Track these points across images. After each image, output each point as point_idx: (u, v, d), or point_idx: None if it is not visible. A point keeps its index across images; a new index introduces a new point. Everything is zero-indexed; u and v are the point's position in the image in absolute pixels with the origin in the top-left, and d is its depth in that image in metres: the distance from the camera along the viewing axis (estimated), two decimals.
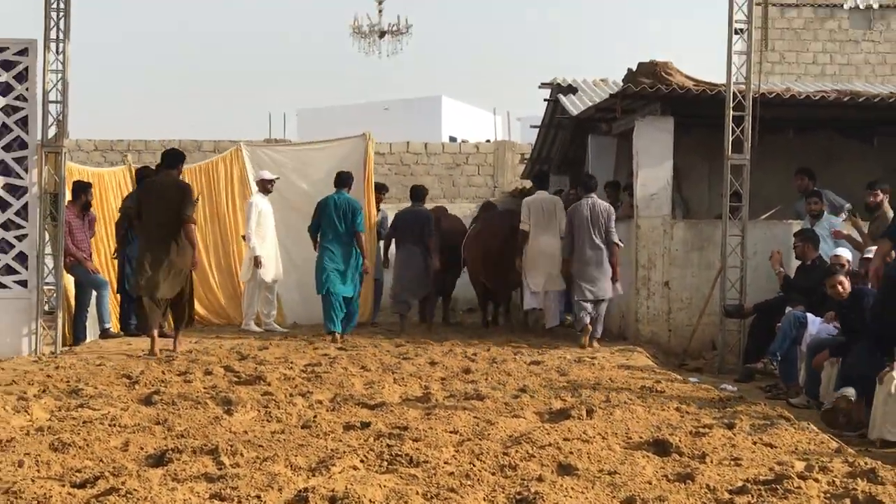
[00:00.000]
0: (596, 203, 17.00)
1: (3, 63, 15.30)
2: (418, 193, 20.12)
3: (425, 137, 35.03)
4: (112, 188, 19.45)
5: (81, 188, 16.93)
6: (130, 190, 18.66)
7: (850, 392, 10.16)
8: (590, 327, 16.63)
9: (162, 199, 15.25)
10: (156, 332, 15.11)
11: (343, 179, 18.51)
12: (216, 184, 20.39)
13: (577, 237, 16.95)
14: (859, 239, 14.83)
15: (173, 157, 15.93)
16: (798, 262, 14.73)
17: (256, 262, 18.56)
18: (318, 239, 18.05)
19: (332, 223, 18.08)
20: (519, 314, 20.50)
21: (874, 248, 12.21)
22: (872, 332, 10.58)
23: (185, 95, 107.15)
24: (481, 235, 19.53)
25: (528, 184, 26.31)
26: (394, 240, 19.93)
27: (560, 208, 18.42)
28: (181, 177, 16.62)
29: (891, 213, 14.94)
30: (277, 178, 19.09)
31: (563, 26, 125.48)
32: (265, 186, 18.84)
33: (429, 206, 20.70)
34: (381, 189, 21.18)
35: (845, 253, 13.68)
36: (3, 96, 15.29)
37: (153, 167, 18.74)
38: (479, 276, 19.92)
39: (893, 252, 11.26)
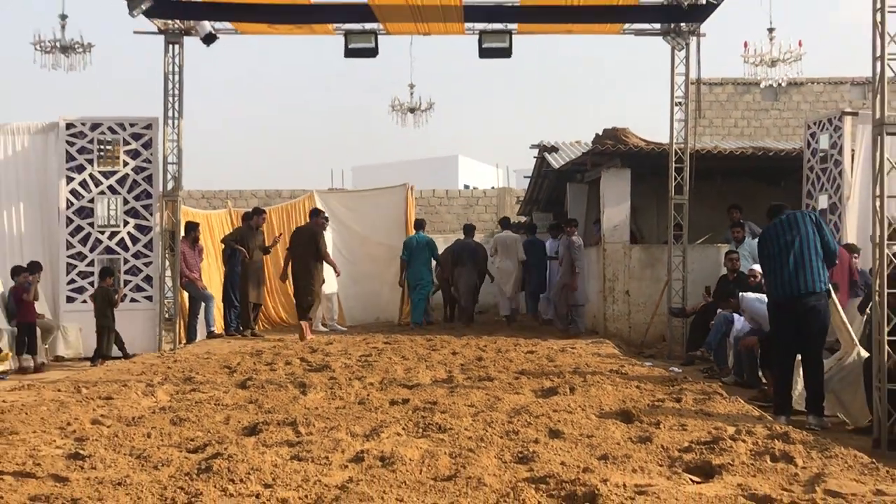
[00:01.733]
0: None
1: (134, 135, 15.57)
2: (468, 229, 20.52)
3: (446, 185, 35.07)
4: (216, 226, 19.45)
5: (191, 227, 16.86)
6: (231, 228, 18.93)
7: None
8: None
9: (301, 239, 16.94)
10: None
11: (419, 224, 19.81)
12: (296, 220, 20.39)
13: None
14: None
15: (315, 213, 17.74)
16: (723, 273, 14.82)
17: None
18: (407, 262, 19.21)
19: (414, 254, 19.20)
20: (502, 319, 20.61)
21: None
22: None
23: (267, 155, 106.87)
24: (449, 257, 19.96)
25: (523, 218, 26.31)
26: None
27: (518, 242, 19.83)
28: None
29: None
30: (327, 220, 19.10)
31: (547, 100, 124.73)
32: (319, 221, 18.97)
33: (450, 237, 20.89)
34: (421, 224, 21.15)
35: (757, 267, 13.81)
36: (134, 159, 15.56)
37: (248, 211, 18.97)
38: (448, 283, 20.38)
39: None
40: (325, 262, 17.44)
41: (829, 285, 9.45)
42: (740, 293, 12.36)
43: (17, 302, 13.77)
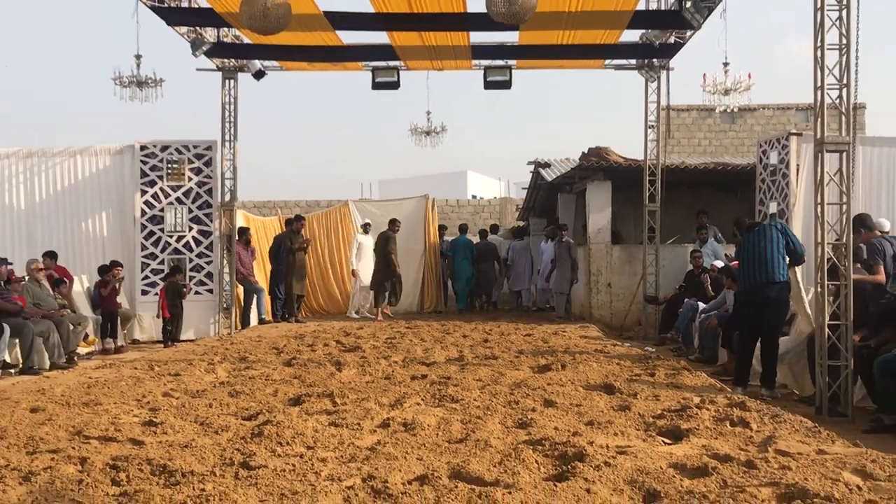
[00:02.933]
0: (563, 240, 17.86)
1: (196, 155, 15.63)
2: (483, 233, 21.43)
3: (457, 196, 35.02)
4: (266, 230, 19.52)
5: (243, 231, 17.00)
6: (278, 231, 18.97)
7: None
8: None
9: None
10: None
11: (462, 227, 20.83)
12: (334, 224, 20.55)
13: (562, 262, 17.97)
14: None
15: (393, 224, 18.59)
16: (689, 269, 14.85)
17: (353, 274, 18.93)
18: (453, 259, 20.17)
19: (461, 252, 19.94)
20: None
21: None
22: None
23: (308, 169, 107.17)
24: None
25: (521, 223, 26.36)
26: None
27: (500, 246, 20.77)
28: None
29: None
30: (369, 223, 19.34)
31: (541, 123, 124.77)
32: (365, 228, 19.13)
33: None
34: (443, 228, 21.39)
35: (718, 263, 13.81)
36: (196, 175, 15.61)
37: (291, 217, 19.13)
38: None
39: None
40: (370, 260, 18.38)
41: (789, 277, 9.45)
42: (685, 298, 12.56)
43: (100, 294, 13.87)
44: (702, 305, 12.71)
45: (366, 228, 19.22)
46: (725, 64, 16.98)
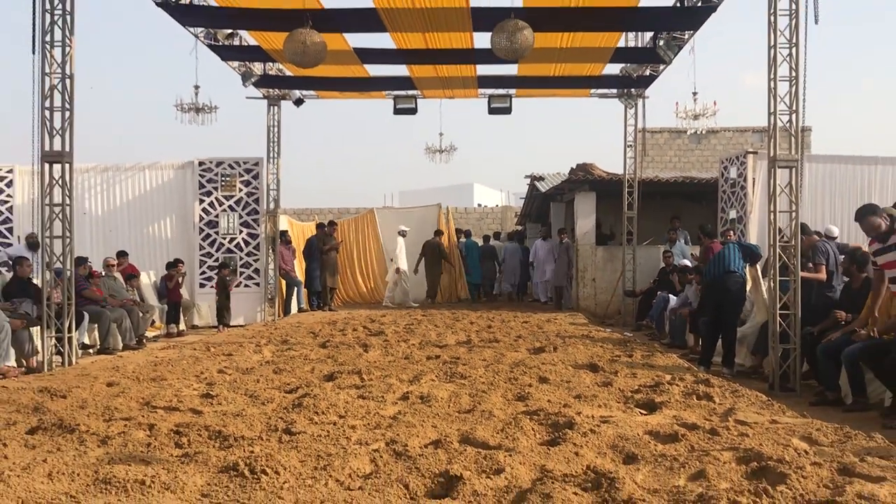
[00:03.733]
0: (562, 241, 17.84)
1: (246, 170, 15.63)
2: (487, 238, 21.63)
3: (465, 204, 35.06)
4: (304, 233, 19.41)
5: (283, 234, 16.97)
6: (312, 234, 18.86)
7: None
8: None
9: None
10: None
11: (467, 233, 21.04)
12: (362, 229, 20.51)
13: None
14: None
15: (437, 233, 19.40)
16: (661, 266, 14.82)
17: (397, 271, 18.97)
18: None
19: (471, 254, 20.04)
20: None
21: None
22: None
23: (339, 181, 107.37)
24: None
25: (519, 228, 26.38)
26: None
27: (498, 249, 20.76)
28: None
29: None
30: (408, 230, 19.40)
31: (537, 142, 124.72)
32: (404, 234, 19.14)
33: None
34: (461, 232, 21.31)
35: (685, 261, 13.77)
36: (246, 187, 15.61)
37: (323, 223, 19.13)
38: None
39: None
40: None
41: (744, 272, 9.45)
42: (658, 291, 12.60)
43: (166, 287, 13.92)
44: (672, 298, 12.68)
45: (404, 234, 19.23)
46: (695, 93, 17.01)
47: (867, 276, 7.78)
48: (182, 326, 14.16)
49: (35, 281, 10.38)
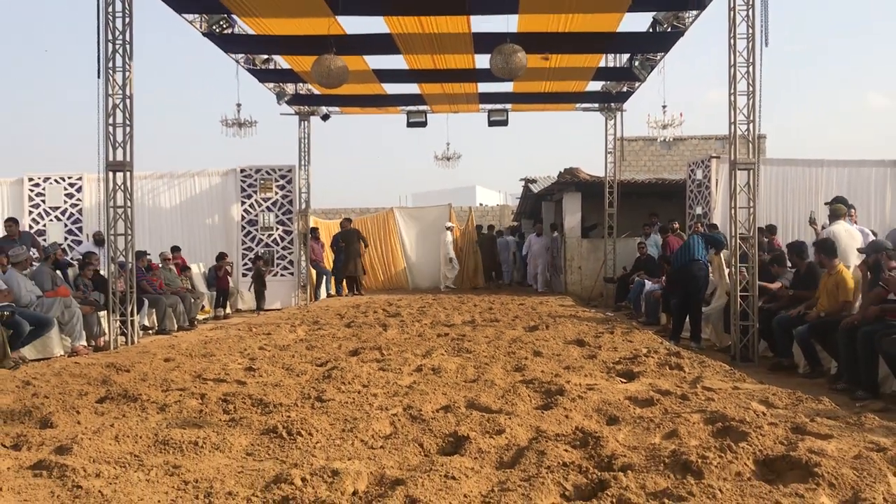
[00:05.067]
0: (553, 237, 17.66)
1: (281, 175, 15.56)
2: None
3: (468, 203, 34.87)
4: (330, 229, 19.33)
5: (313, 230, 16.91)
6: (337, 231, 18.83)
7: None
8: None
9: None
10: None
11: (479, 228, 20.60)
12: (384, 226, 20.19)
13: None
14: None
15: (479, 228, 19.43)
16: (637, 256, 14.77)
17: (451, 260, 19.08)
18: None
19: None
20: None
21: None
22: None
23: (360, 184, 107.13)
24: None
25: (514, 224, 26.27)
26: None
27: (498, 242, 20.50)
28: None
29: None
30: (453, 226, 19.54)
31: (530, 148, 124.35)
32: (450, 228, 19.32)
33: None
34: (479, 228, 21.05)
35: (653, 251, 13.74)
36: (281, 190, 15.57)
37: (347, 218, 19.05)
38: None
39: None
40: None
41: (708, 259, 9.42)
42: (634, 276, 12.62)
43: (216, 276, 13.96)
44: (647, 283, 12.65)
45: (450, 229, 19.36)
46: (664, 106, 16.89)
47: (809, 262, 7.78)
48: (228, 310, 14.15)
49: (101, 272, 10.41)
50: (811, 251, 7.88)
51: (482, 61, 12.06)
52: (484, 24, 10.86)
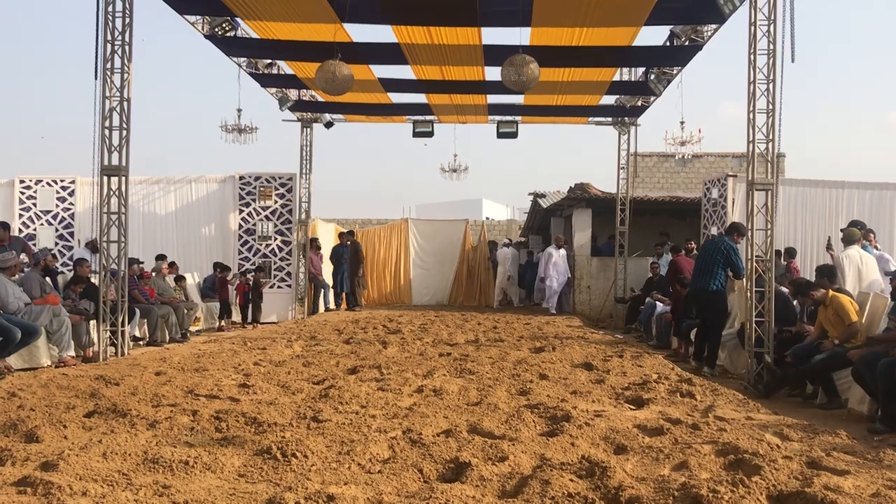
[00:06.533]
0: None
1: (281, 184, 15.69)
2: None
3: (474, 217, 34.95)
4: (331, 241, 19.45)
5: (314, 241, 16.81)
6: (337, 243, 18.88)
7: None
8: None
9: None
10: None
11: (493, 245, 20.24)
12: (395, 236, 19.98)
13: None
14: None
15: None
16: (649, 276, 14.76)
17: (508, 278, 19.30)
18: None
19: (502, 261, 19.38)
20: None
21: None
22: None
23: (364, 194, 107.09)
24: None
25: (522, 239, 26.27)
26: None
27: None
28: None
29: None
30: (512, 240, 20.06)
31: (540, 162, 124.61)
32: (508, 244, 19.83)
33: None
34: (493, 244, 20.77)
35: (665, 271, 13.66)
36: (281, 199, 15.67)
37: (347, 231, 18.96)
38: None
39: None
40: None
41: (723, 286, 9.31)
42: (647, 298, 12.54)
43: (219, 286, 14.01)
44: (659, 305, 12.62)
45: (508, 244, 19.72)
46: (682, 122, 17.07)
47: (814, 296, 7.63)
48: (222, 322, 14.15)
49: (93, 280, 10.44)
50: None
51: (492, 73, 12.11)
52: (495, 35, 10.90)
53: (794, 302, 8.50)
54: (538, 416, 5.60)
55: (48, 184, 15.16)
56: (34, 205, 15.07)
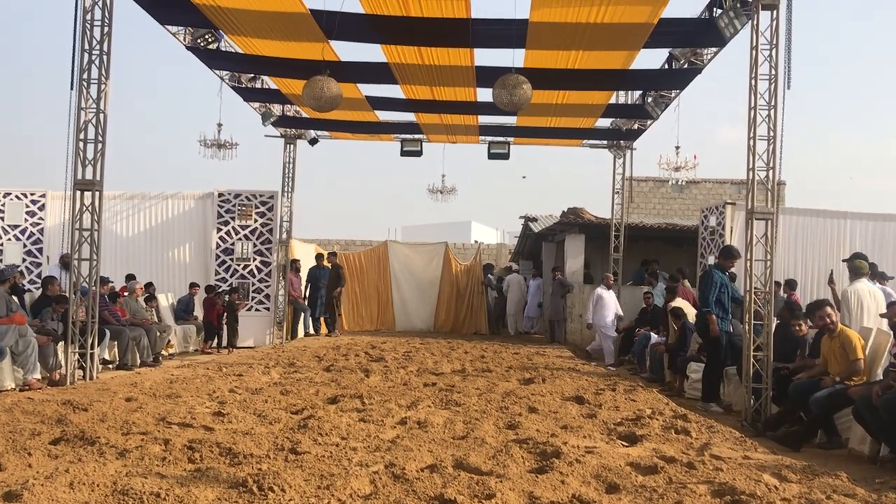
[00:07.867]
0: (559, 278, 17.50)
1: (262, 202, 15.65)
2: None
3: (463, 240, 35.05)
4: (310, 263, 19.31)
5: (294, 262, 16.75)
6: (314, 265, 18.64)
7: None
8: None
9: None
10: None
11: (487, 268, 20.25)
12: (377, 260, 19.85)
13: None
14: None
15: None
16: (643, 307, 14.78)
17: (539, 305, 19.33)
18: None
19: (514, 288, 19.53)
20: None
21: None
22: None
23: (347, 215, 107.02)
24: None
25: (512, 265, 26.34)
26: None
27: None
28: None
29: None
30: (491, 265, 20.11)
31: (531, 186, 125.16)
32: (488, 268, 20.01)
33: None
34: (489, 267, 20.70)
35: (659, 302, 13.72)
36: (261, 218, 15.64)
37: (326, 253, 18.70)
38: None
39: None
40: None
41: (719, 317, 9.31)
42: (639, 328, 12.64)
43: (206, 307, 14.22)
44: (653, 336, 12.64)
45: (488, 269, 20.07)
46: (677, 147, 17.15)
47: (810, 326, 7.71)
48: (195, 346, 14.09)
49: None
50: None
51: (484, 94, 12.21)
52: (488, 57, 11.00)
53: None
54: (527, 451, 5.59)
55: (17, 197, 15.07)
56: (1, 219, 14.97)
